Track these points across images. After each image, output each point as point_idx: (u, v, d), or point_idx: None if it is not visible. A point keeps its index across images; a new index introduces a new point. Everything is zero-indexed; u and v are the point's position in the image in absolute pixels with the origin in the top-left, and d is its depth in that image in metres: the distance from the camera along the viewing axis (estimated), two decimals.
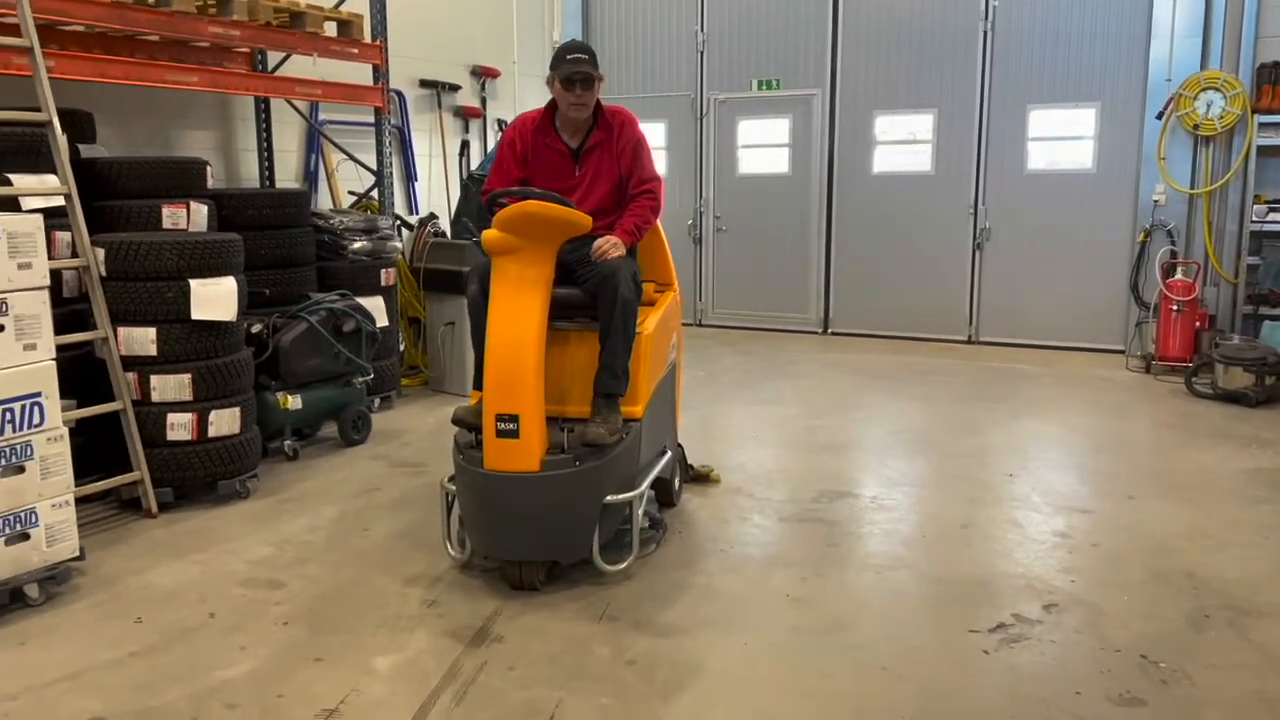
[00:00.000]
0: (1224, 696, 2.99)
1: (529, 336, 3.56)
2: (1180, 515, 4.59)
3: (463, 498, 3.78)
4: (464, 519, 3.81)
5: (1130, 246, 8.32)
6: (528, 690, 3.03)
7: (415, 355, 7.56)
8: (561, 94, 4.01)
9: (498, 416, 3.53)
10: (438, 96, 8.82)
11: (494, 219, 3.64)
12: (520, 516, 3.62)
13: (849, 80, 9.35)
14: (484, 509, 3.69)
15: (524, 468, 3.56)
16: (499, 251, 3.64)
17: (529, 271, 3.63)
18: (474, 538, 3.80)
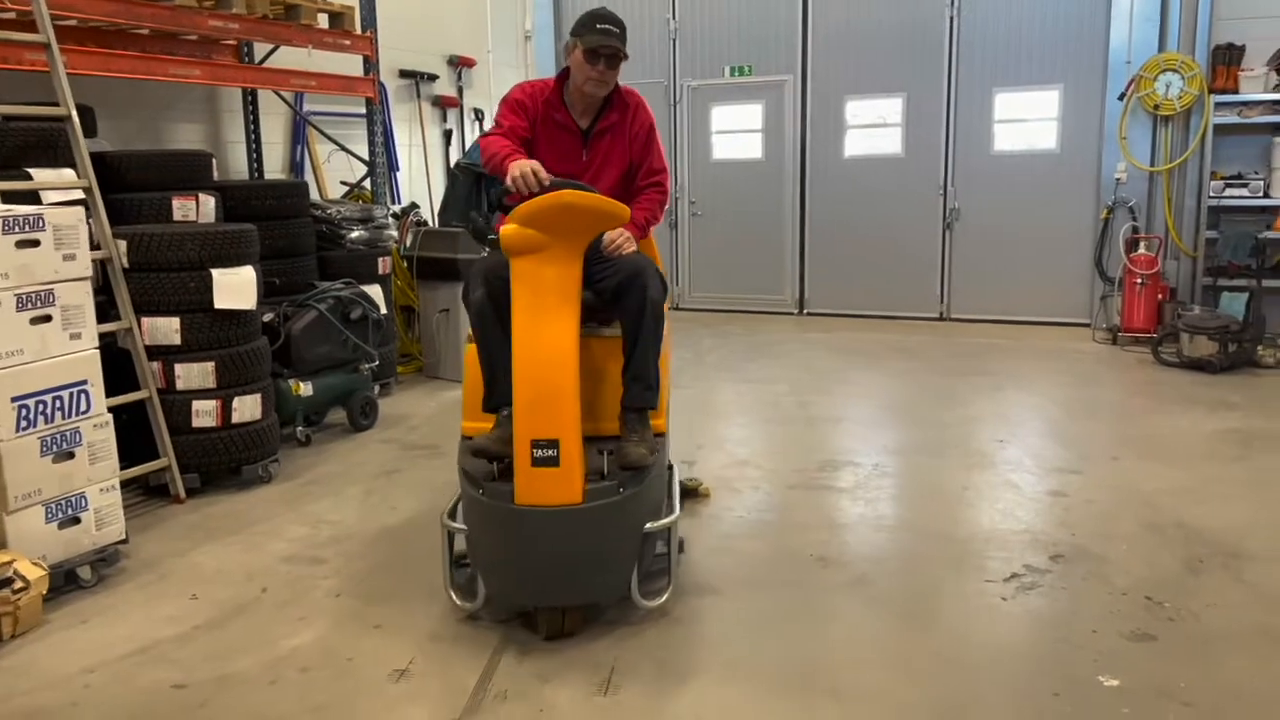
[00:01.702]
0: (1228, 631, 3.27)
1: (566, 349, 3.10)
2: (1163, 473, 4.89)
3: (482, 538, 3.25)
4: (478, 562, 3.29)
5: (1094, 223, 8.66)
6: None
7: (409, 343, 7.66)
8: (581, 65, 3.58)
9: (533, 443, 3.03)
10: (416, 86, 8.90)
11: (513, 212, 3.15)
12: (562, 555, 3.12)
13: (820, 66, 9.58)
14: (515, 550, 3.16)
15: (565, 500, 3.06)
16: (521, 250, 3.12)
17: (559, 273, 3.14)
18: (496, 583, 3.26)
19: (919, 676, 3.02)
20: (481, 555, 3.27)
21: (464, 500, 3.31)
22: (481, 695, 2.93)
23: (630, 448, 3.26)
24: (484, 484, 3.18)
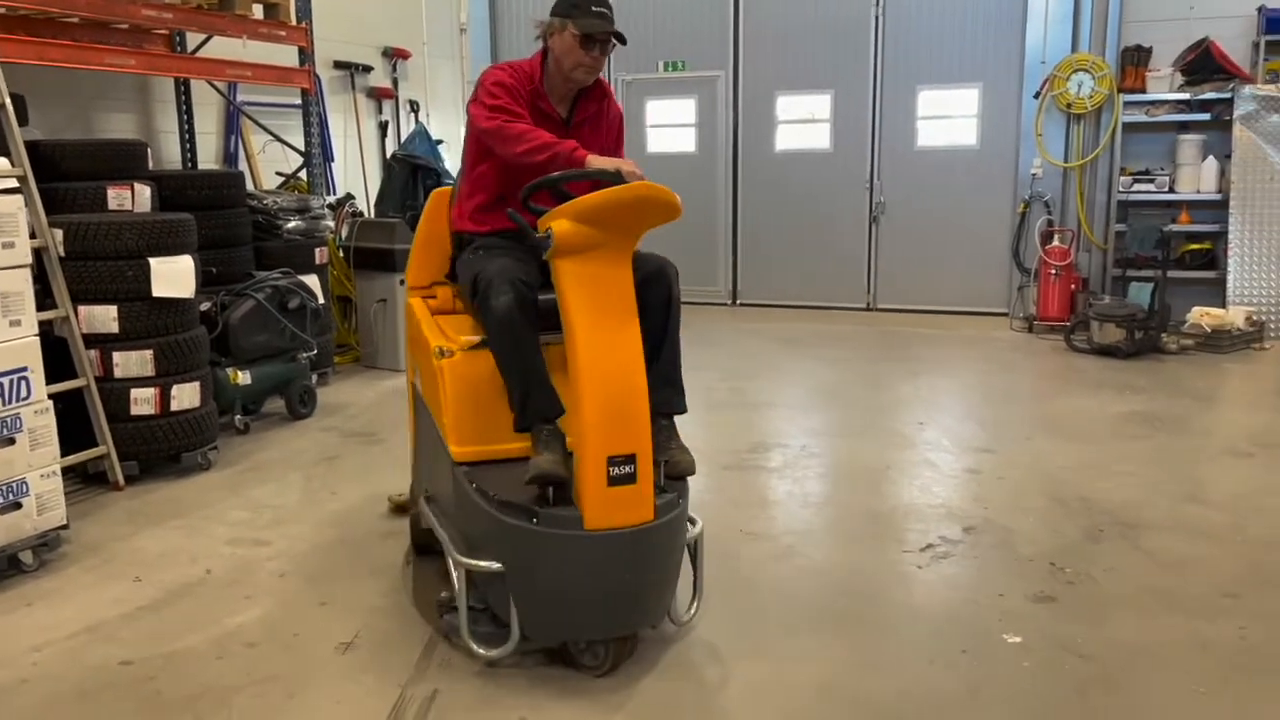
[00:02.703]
0: (1122, 592, 3.53)
1: (637, 355, 2.83)
2: (1070, 451, 5.18)
3: (531, 573, 2.85)
4: (520, 600, 2.88)
5: (1011, 217, 9.02)
6: None
7: (346, 333, 7.70)
8: (571, 50, 3.26)
9: (610, 460, 2.73)
10: (351, 78, 8.91)
11: (567, 208, 2.78)
12: (633, 579, 2.86)
13: (751, 62, 9.80)
14: (582, 580, 2.83)
15: (640, 518, 2.80)
16: (578, 249, 2.77)
17: (619, 274, 2.84)
18: (545, 620, 2.91)
19: (841, 638, 3.22)
20: (526, 592, 2.86)
21: (498, 534, 2.85)
22: (426, 664, 3.06)
23: (679, 455, 3.09)
24: (539, 512, 2.80)
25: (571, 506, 2.80)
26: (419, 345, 3.42)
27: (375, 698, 2.86)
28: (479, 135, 3.31)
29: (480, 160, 3.38)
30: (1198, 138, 8.31)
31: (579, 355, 2.77)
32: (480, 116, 3.25)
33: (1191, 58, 8.18)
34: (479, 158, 3.39)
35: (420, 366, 3.45)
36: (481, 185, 3.40)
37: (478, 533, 2.95)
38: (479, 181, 3.40)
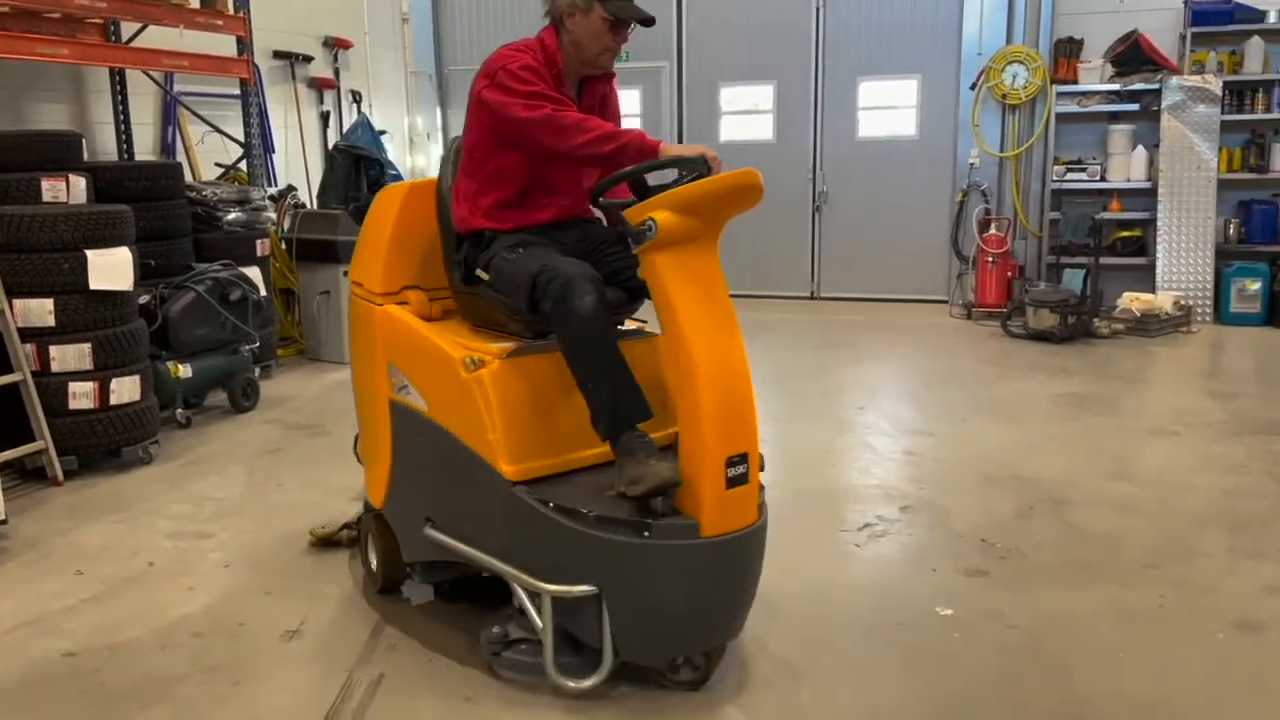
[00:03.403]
0: (1049, 565, 3.67)
1: (740, 349, 2.69)
2: (1005, 432, 5.33)
3: (634, 591, 2.65)
4: (619, 621, 2.66)
5: (950, 206, 9.19)
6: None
7: (289, 325, 7.64)
8: (600, 34, 3.00)
9: (729, 461, 2.58)
10: (291, 68, 8.83)
11: (667, 196, 2.61)
12: (740, 583, 2.77)
13: (694, 53, 9.88)
14: (695, 591, 2.66)
15: (750, 519, 2.68)
16: (675, 242, 2.59)
17: (712, 266, 2.70)
18: (648, 639, 2.71)
19: (782, 614, 3.30)
20: (629, 611, 2.65)
21: (594, 553, 2.63)
22: (373, 649, 3.09)
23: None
24: (652, 524, 2.60)
25: (680, 515, 2.61)
26: (419, 357, 3.06)
27: (322, 683, 2.89)
28: (512, 125, 2.92)
29: (499, 151, 3.02)
30: (1127, 128, 8.56)
31: (692, 352, 2.57)
32: (514, 105, 2.90)
33: (1121, 50, 8.41)
34: (497, 149, 3.02)
35: (422, 381, 3.05)
36: (501, 179, 3.05)
37: (557, 556, 2.68)
38: (497, 175, 3.05)
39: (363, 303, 3.33)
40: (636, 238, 2.61)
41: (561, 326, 2.76)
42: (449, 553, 3.01)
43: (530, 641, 2.85)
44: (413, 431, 3.12)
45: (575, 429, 2.87)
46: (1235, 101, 8.31)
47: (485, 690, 2.84)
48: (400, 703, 2.80)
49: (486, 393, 2.80)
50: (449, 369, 2.90)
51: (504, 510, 2.78)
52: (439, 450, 2.99)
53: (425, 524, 3.06)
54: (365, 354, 3.34)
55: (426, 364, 3.04)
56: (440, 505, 3.06)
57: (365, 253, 3.37)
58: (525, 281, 2.83)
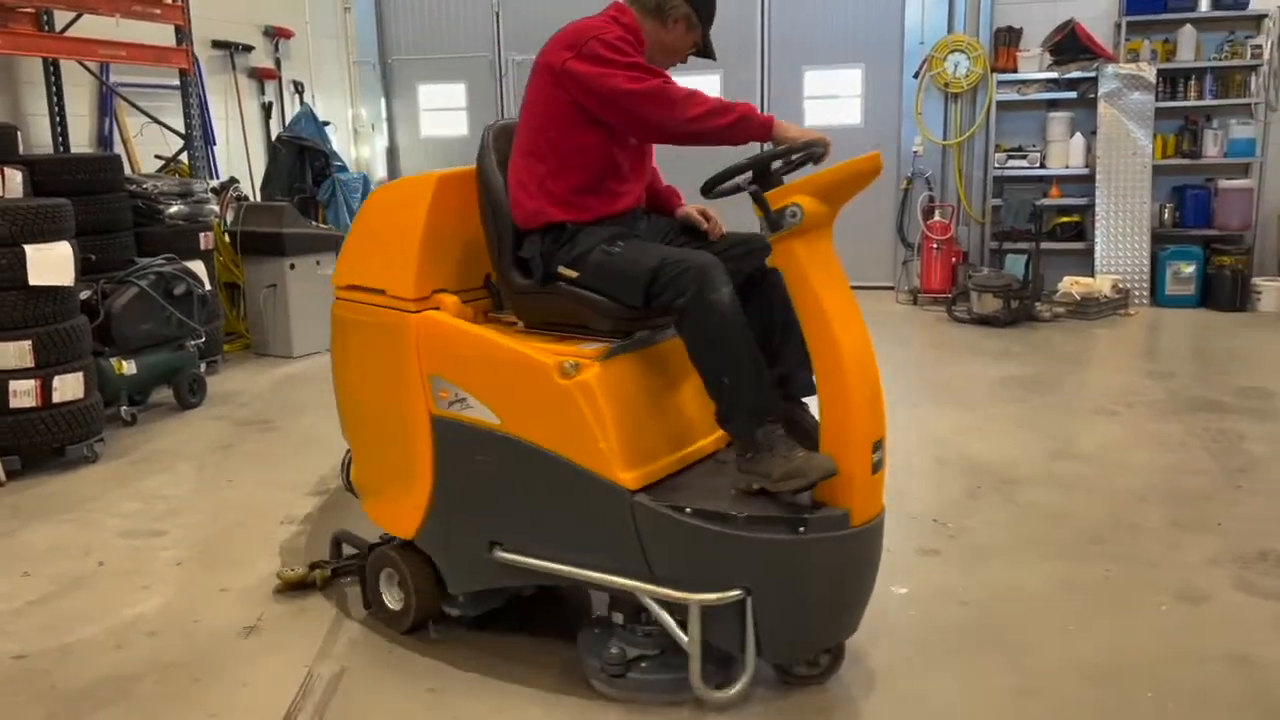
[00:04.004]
0: (998, 542, 3.76)
1: (867, 334, 2.63)
2: (953, 415, 5.43)
3: (797, 588, 2.57)
4: (771, 622, 2.57)
5: (895, 193, 9.31)
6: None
7: (234, 320, 7.52)
8: (684, 36, 2.92)
9: (874, 446, 2.56)
10: (231, 58, 8.66)
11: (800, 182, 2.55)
12: (873, 571, 2.75)
13: None
14: (845, 583, 2.65)
15: (881, 505, 2.67)
16: (813, 227, 2.54)
17: (832, 252, 2.64)
18: (799, 635, 2.66)
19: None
20: (778, 611, 2.57)
21: (745, 556, 2.53)
22: (333, 644, 3.07)
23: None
24: (807, 519, 2.53)
25: (826, 506, 2.56)
26: (486, 366, 2.79)
27: (282, 679, 2.86)
28: (608, 99, 2.69)
29: (580, 130, 2.78)
30: (1066, 115, 8.73)
31: (838, 340, 2.51)
32: (613, 76, 2.67)
33: (1059, 38, 8.57)
34: (578, 127, 2.78)
35: (491, 393, 2.78)
36: (579, 162, 2.81)
37: (699, 563, 2.55)
38: (575, 158, 2.81)
39: (377, 310, 2.97)
40: (775, 224, 2.53)
41: (698, 319, 2.60)
42: (528, 576, 2.82)
43: (650, 657, 2.75)
44: (472, 449, 2.82)
45: (669, 427, 2.81)
46: (1169, 89, 8.52)
47: (449, 681, 2.84)
48: (363, 696, 2.79)
49: (594, 399, 2.61)
50: (537, 377, 2.67)
51: (625, 523, 2.59)
52: (518, 467, 2.75)
53: (489, 549, 2.82)
54: (380, 367, 3.00)
55: (499, 373, 2.77)
56: (516, 526, 2.81)
57: (381, 254, 3.00)
58: (642, 275, 2.67)
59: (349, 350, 3.16)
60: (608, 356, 2.72)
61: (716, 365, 2.63)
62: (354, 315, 3.09)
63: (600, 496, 2.61)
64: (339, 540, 3.49)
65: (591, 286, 2.79)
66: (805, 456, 2.53)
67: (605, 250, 2.78)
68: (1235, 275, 8.20)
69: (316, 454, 4.89)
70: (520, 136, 2.89)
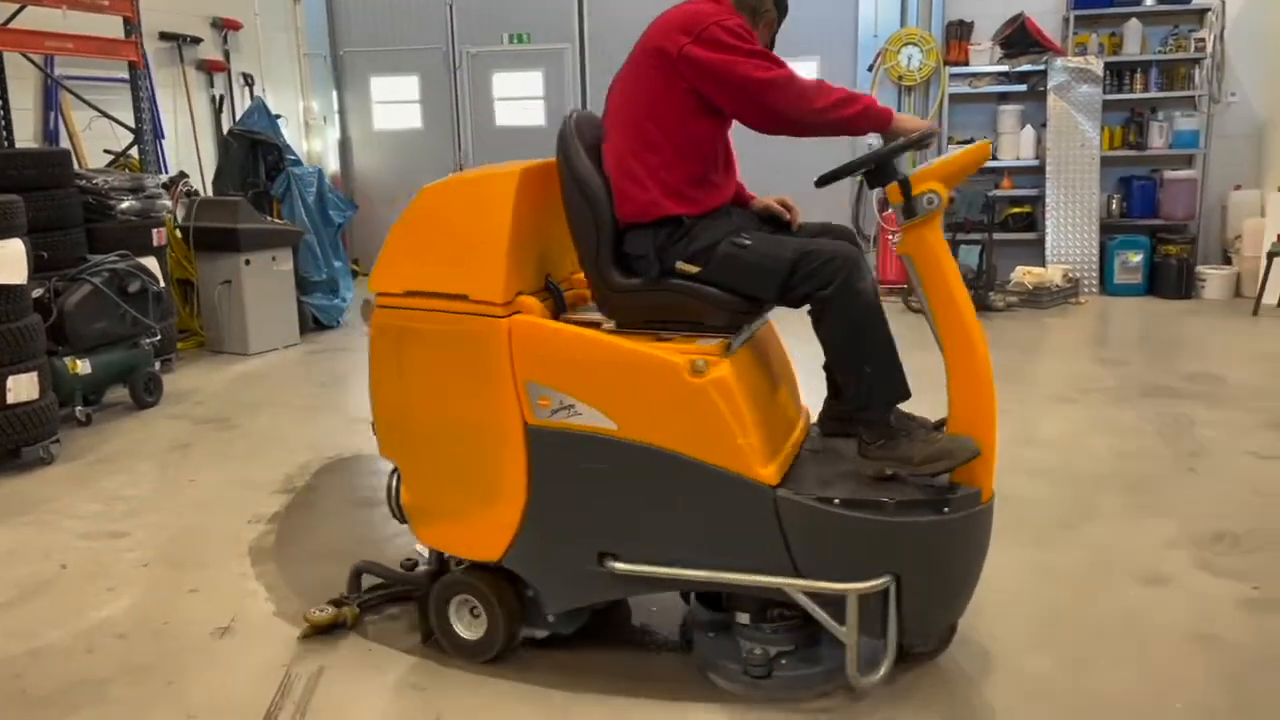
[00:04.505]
0: None
1: None
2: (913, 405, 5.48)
3: (942, 568, 2.62)
4: (917, 604, 2.58)
5: (851, 185, 9.39)
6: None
7: (187, 317, 7.38)
8: (764, 33, 2.88)
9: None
10: (179, 50, 8.50)
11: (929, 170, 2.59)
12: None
13: (597, 35, 9.85)
14: (978, 557, 2.71)
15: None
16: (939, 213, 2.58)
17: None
18: (937, 615, 2.71)
19: None
20: (924, 593, 2.59)
21: (895, 541, 2.55)
22: (309, 642, 3.03)
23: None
24: (951, 499, 2.56)
25: (960, 486, 2.59)
26: (599, 370, 2.65)
27: (259, 679, 2.83)
28: (733, 86, 2.62)
29: (695, 118, 2.71)
30: (1016, 108, 8.88)
31: (968, 321, 2.58)
32: (740, 64, 2.60)
33: (1009, 32, 8.71)
34: (693, 115, 2.70)
35: (607, 398, 2.64)
36: (692, 151, 2.74)
37: (848, 552, 2.55)
38: (689, 147, 2.72)
39: (452, 317, 2.73)
40: (913, 211, 2.55)
41: (844, 308, 2.60)
42: (646, 586, 2.74)
43: (788, 654, 2.74)
44: (579, 459, 2.67)
45: (776, 420, 2.79)
46: (1115, 82, 8.70)
47: (434, 678, 2.82)
48: (344, 695, 2.76)
49: (730, 395, 2.55)
50: (666, 377, 2.58)
51: (767, 519, 2.56)
52: (638, 473, 2.63)
53: (599, 562, 2.69)
54: (455, 379, 2.75)
55: (617, 376, 2.64)
56: (634, 535, 2.69)
57: (456, 256, 2.74)
58: (780, 267, 2.63)
59: (406, 362, 2.82)
60: (730, 352, 2.65)
61: (859, 353, 2.63)
62: (416, 324, 2.78)
63: (740, 495, 2.57)
64: (360, 572, 3.21)
65: (714, 280, 2.70)
66: (949, 439, 2.57)
67: (735, 243, 2.70)
68: (1181, 264, 8.40)
69: (279, 452, 4.84)
70: (621, 126, 2.77)
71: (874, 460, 2.64)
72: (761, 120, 2.69)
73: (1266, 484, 4.19)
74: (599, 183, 2.74)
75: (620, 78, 2.83)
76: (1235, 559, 3.49)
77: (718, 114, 2.72)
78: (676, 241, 2.71)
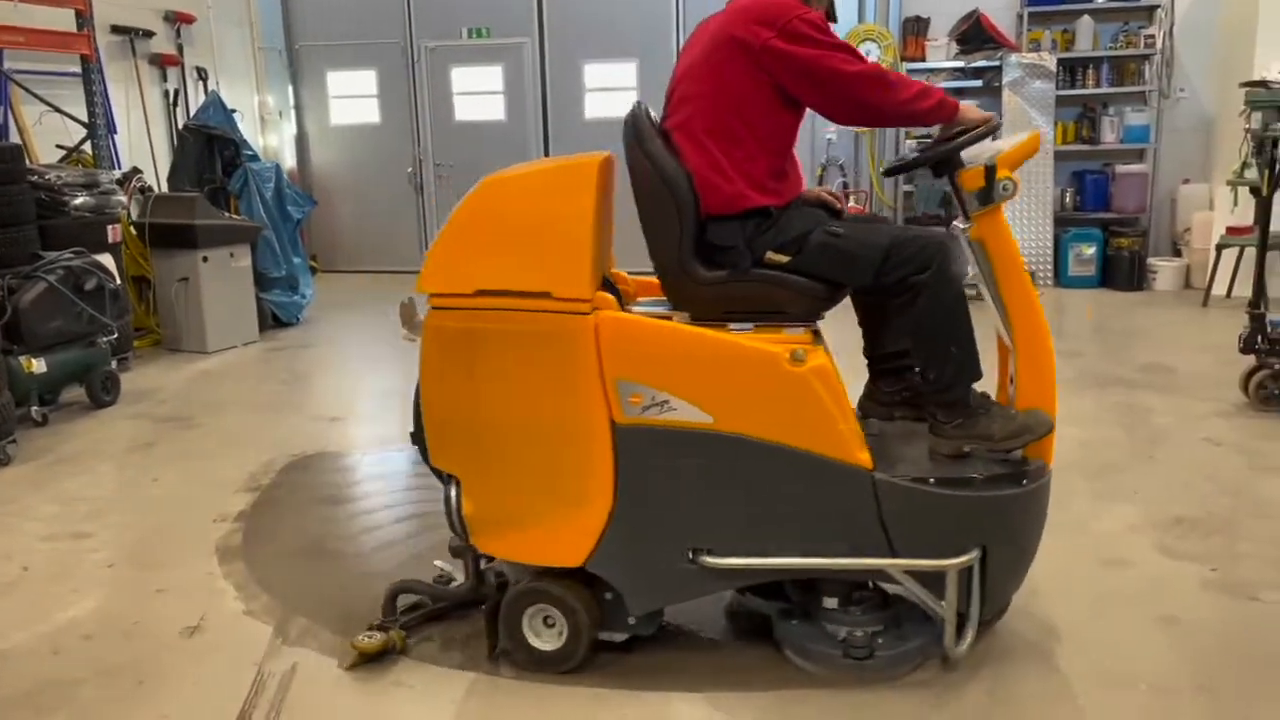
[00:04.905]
0: None
1: None
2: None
3: (1019, 538, 2.75)
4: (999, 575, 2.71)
5: (810, 180, 9.47)
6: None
7: (143, 315, 7.26)
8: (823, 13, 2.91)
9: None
10: (131, 44, 8.35)
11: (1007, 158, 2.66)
12: None
13: (557, 30, 9.83)
14: (1041, 526, 2.82)
15: None
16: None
17: None
18: (1011, 584, 2.83)
19: None
20: (1005, 564, 2.72)
21: (982, 516, 2.64)
22: (281, 640, 3.01)
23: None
24: (1027, 470, 2.70)
25: (1029, 459, 2.73)
26: (695, 364, 2.62)
27: (231, 677, 2.80)
28: (820, 79, 2.65)
29: (778, 111, 2.73)
30: (972, 103, 8.95)
31: (1035, 305, 2.72)
32: (829, 57, 2.64)
33: (965, 28, 8.80)
34: (777, 108, 2.72)
35: (702, 392, 2.61)
36: (775, 144, 2.78)
37: (941, 530, 2.63)
38: (771, 140, 2.76)
39: (530, 316, 2.60)
40: (988, 197, 2.65)
41: (940, 292, 2.69)
42: (740, 579, 2.76)
43: (884, 632, 2.79)
44: (671, 455, 2.63)
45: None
46: (1068, 77, 8.85)
47: (411, 674, 2.81)
48: (320, 692, 2.74)
49: (830, 382, 2.57)
50: (766, 368, 2.57)
51: (866, 503, 2.60)
52: (734, 465, 2.62)
53: (690, 558, 2.67)
54: (535, 380, 2.64)
55: (714, 369, 2.61)
56: (728, 528, 2.67)
57: (532, 251, 2.61)
58: (876, 254, 2.68)
59: (477, 366, 2.66)
60: (818, 340, 2.69)
61: (950, 336, 2.71)
62: (488, 325, 2.62)
63: (840, 481, 2.60)
64: (397, 593, 3.03)
65: (803, 269, 2.72)
66: (1026, 414, 2.69)
67: (828, 232, 2.73)
68: (1132, 256, 8.58)
69: (243, 450, 4.78)
70: (700, 117, 2.74)
71: (951, 439, 2.73)
72: (845, 112, 2.75)
73: (1219, 470, 4.30)
74: (683, 174, 2.70)
75: (690, 67, 2.80)
76: (1194, 542, 3.58)
77: (796, 106, 2.75)
78: (764, 232, 2.73)
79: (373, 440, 5.04)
